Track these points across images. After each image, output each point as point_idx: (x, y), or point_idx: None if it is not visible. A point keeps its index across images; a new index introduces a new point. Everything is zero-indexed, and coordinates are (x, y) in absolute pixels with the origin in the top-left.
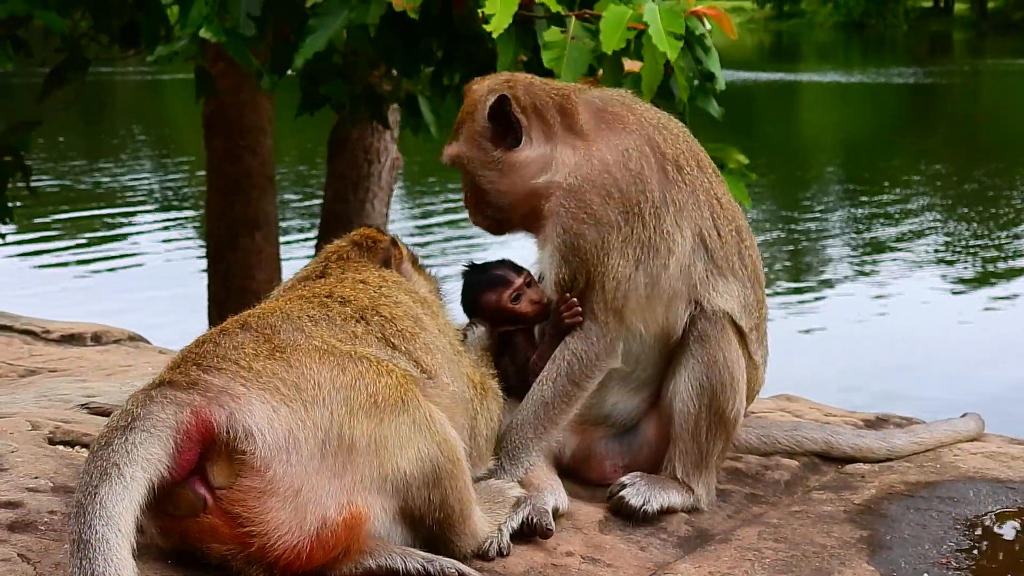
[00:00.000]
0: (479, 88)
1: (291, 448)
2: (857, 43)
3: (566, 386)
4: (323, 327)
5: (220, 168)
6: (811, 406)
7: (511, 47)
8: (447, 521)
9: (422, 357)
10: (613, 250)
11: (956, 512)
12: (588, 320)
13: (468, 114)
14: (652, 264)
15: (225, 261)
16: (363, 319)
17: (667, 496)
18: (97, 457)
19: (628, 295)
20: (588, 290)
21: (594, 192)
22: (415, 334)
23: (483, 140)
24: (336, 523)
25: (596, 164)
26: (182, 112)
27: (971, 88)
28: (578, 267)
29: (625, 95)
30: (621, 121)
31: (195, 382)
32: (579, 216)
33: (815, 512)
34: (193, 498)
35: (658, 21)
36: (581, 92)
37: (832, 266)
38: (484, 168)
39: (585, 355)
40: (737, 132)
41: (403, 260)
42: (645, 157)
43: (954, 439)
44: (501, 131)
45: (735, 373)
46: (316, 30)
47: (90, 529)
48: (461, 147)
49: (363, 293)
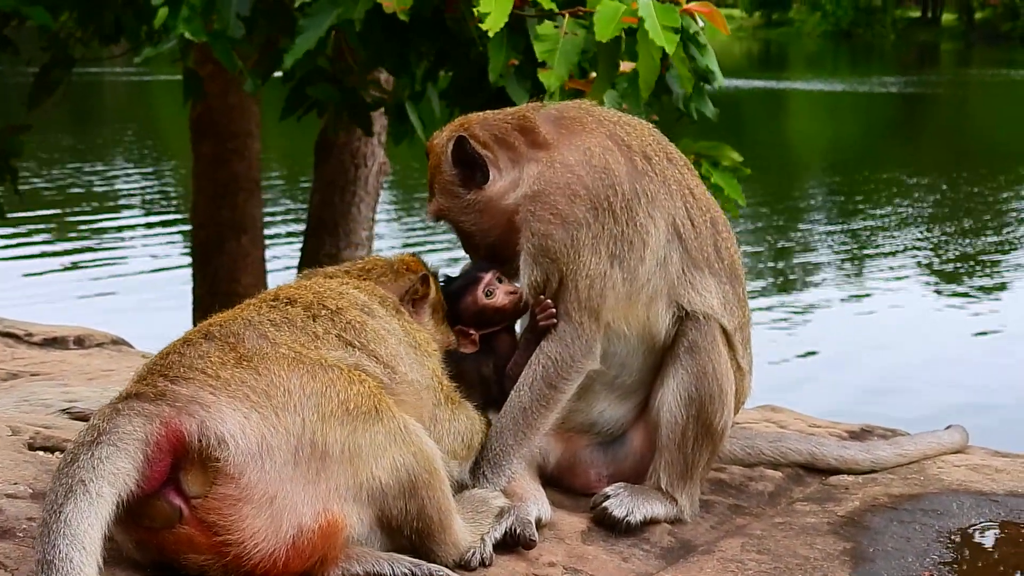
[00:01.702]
0: (439, 140)
1: (264, 454)
2: (845, 52)
3: (543, 390)
4: (286, 331)
5: (207, 171)
6: (795, 417)
7: (503, 50)
8: (426, 531)
9: (377, 349)
10: (584, 248)
11: (939, 525)
12: (562, 322)
13: (435, 167)
14: (628, 258)
15: (211, 265)
16: (313, 316)
17: (650, 507)
18: (63, 474)
19: (604, 293)
20: (561, 291)
21: (558, 193)
22: (364, 323)
23: (454, 187)
24: (312, 530)
25: (558, 167)
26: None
27: (959, 98)
28: (549, 268)
29: (583, 103)
30: (580, 123)
31: (163, 393)
32: (545, 218)
33: (798, 524)
34: (168, 509)
35: (653, 15)
36: (538, 108)
37: (817, 276)
38: (463, 214)
39: (560, 357)
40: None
41: (425, 301)
42: (609, 151)
43: (938, 451)
44: (469, 172)
45: (724, 385)
46: (306, 30)
47: (54, 548)
48: (439, 201)
49: (307, 291)
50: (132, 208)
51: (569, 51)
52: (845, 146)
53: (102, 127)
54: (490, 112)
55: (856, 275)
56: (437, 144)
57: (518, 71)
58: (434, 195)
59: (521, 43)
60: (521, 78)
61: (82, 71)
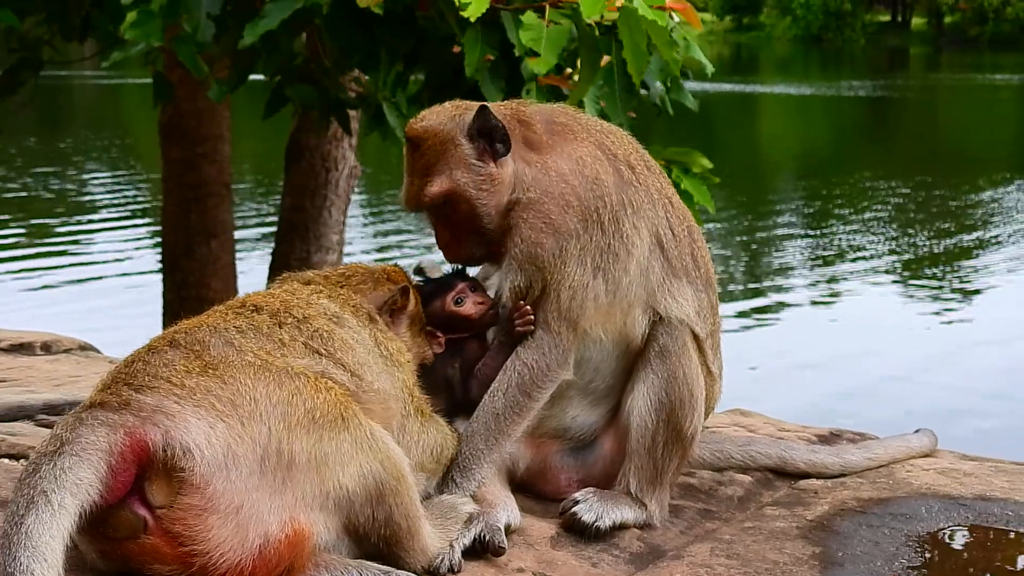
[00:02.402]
0: (433, 121)
1: (230, 464)
2: (815, 56)
3: (517, 397)
4: (251, 338)
5: (177, 175)
6: (765, 421)
7: (478, 46)
8: (394, 538)
9: (344, 357)
10: (571, 258)
11: (908, 529)
12: (540, 330)
13: (442, 143)
14: (612, 269)
15: (181, 270)
16: (280, 324)
17: (620, 512)
18: (25, 484)
19: (585, 304)
20: (543, 298)
21: (553, 203)
22: (331, 331)
23: (471, 160)
24: (279, 540)
25: (553, 176)
26: (140, 117)
27: (928, 102)
28: (534, 275)
29: (568, 108)
30: (570, 130)
31: (127, 402)
32: (538, 226)
33: (768, 528)
34: (133, 519)
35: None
36: (527, 104)
37: (786, 279)
38: (479, 189)
39: (536, 365)
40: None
41: (403, 312)
42: (599, 161)
43: (907, 455)
44: (487, 144)
45: (694, 390)
46: (271, 13)
47: (15, 561)
48: (449, 179)
49: (274, 299)
50: (101, 212)
51: (555, 38)
52: (815, 150)
53: (71, 130)
54: (477, 104)
55: (825, 279)
56: (435, 124)
57: (493, 68)
58: (439, 174)
59: (496, 38)
60: (495, 76)
61: (51, 74)
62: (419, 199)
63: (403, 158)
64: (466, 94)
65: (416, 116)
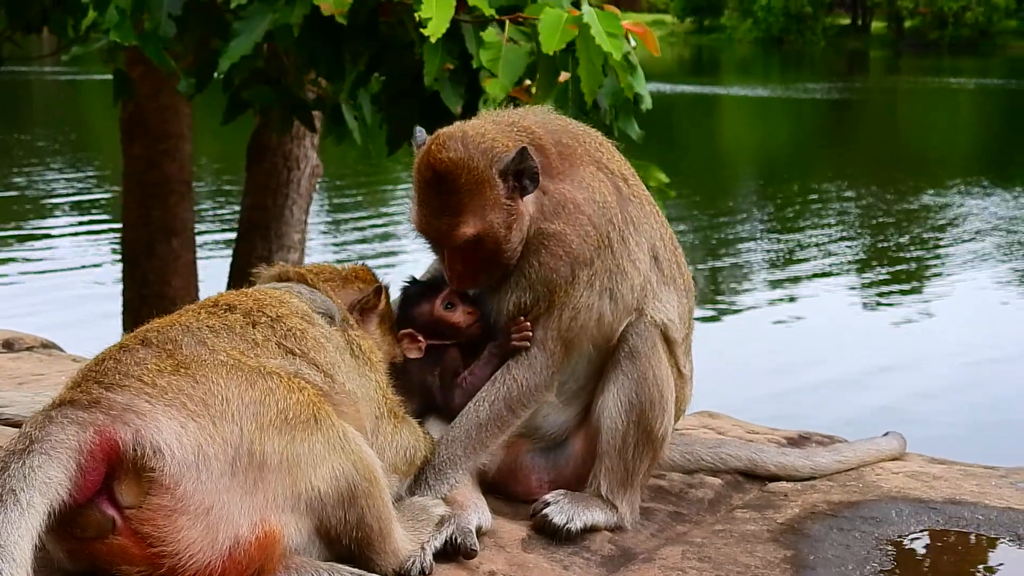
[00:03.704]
0: (463, 154)
1: (201, 464)
2: (776, 59)
3: (502, 411)
4: (224, 337)
5: (137, 173)
6: (733, 423)
7: (438, 55)
8: (366, 540)
9: (317, 357)
10: (580, 283)
11: (879, 532)
12: (536, 348)
13: (475, 185)
14: (620, 288)
15: (141, 268)
16: (253, 323)
17: (591, 514)
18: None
19: (587, 324)
20: (545, 317)
21: (574, 233)
22: (304, 330)
23: (504, 200)
24: (249, 542)
25: (571, 208)
26: (100, 114)
27: (888, 105)
28: (542, 295)
29: (558, 115)
30: (574, 153)
31: (97, 400)
32: (558, 254)
33: (738, 531)
34: (101, 519)
35: (597, 22)
36: (532, 122)
37: (747, 281)
38: (508, 228)
39: (526, 383)
40: (656, 145)
41: (374, 312)
42: (603, 183)
43: (877, 458)
44: (518, 183)
45: (664, 391)
46: (240, 33)
47: None
48: (483, 221)
49: (247, 298)
50: (61, 209)
51: (513, 60)
52: (775, 152)
53: (30, 126)
54: (486, 123)
55: (784, 281)
56: (468, 156)
57: (452, 76)
58: (470, 213)
59: (456, 48)
60: (455, 84)
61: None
62: (449, 238)
63: (417, 184)
64: (425, 100)
65: (436, 143)
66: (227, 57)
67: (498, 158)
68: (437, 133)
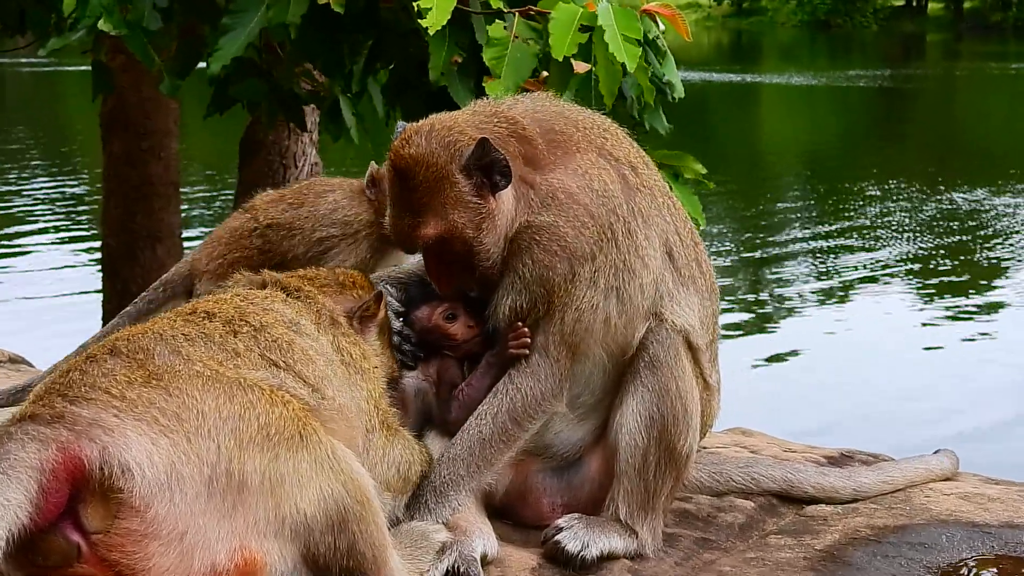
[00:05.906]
0: (423, 149)
1: (174, 485)
2: (823, 43)
3: (507, 425)
4: (201, 347)
5: (119, 173)
6: (768, 440)
7: (444, 46)
8: (358, 569)
9: (304, 370)
10: (582, 281)
11: (928, 560)
12: (537, 355)
13: (434, 182)
14: (628, 287)
15: (121, 277)
16: (234, 332)
17: (608, 541)
18: None
19: (592, 327)
20: (545, 321)
21: (567, 225)
22: (291, 341)
23: (469, 198)
24: (227, 570)
25: (562, 197)
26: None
27: (946, 93)
28: (540, 296)
29: (555, 102)
30: (570, 139)
31: (61, 415)
32: (552, 249)
33: (772, 559)
34: (65, 545)
35: (613, 23)
36: (520, 111)
37: (792, 287)
38: (476, 229)
39: (531, 393)
40: (691, 137)
41: (373, 320)
42: (604, 170)
43: (926, 478)
44: (484, 179)
45: (688, 404)
46: (232, 29)
47: None
48: (444, 220)
49: (228, 304)
50: (36, 213)
51: (519, 60)
52: (822, 145)
53: (5, 122)
54: (464, 113)
55: (835, 289)
56: (429, 150)
57: (461, 69)
58: (430, 213)
59: (465, 39)
60: (464, 77)
61: None
62: (410, 239)
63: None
64: (433, 93)
65: (401, 137)
66: (217, 59)
67: (460, 152)
68: (407, 126)
